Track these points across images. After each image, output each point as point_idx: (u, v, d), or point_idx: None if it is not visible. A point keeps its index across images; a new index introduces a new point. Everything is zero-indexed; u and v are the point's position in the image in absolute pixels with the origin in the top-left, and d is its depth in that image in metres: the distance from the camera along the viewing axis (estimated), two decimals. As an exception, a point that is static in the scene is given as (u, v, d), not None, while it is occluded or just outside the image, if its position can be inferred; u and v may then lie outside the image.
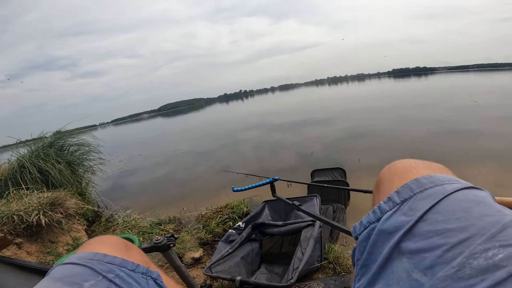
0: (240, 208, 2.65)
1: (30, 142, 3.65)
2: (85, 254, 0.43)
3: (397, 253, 0.28)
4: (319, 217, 0.97)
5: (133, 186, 5.53)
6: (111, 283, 0.39)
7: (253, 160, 6.11)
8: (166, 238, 1.00)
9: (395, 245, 0.29)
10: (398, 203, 0.32)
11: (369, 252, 0.32)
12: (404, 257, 0.27)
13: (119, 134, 25.22)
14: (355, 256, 0.34)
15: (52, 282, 0.37)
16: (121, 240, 0.51)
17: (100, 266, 0.41)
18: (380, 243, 0.31)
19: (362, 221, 0.35)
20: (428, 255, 0.26)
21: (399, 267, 0.27)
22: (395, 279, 0.27)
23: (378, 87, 30.63)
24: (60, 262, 0.42)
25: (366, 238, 0.33)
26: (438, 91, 15.53)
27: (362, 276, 0.32)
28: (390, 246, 0.29)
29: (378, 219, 0.33)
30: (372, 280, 0.30)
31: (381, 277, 0.29)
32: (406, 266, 0.27)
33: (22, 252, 1.75)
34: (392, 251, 0.29)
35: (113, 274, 0.41)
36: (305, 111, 13.74)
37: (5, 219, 1.72)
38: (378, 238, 0.31)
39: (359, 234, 0.34)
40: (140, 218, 2.67)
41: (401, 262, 0.27)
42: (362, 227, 0.34)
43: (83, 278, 0.38)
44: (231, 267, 1.35)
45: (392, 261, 0.28)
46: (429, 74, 72.58)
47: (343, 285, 1.17)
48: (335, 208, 2.47)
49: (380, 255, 0.30)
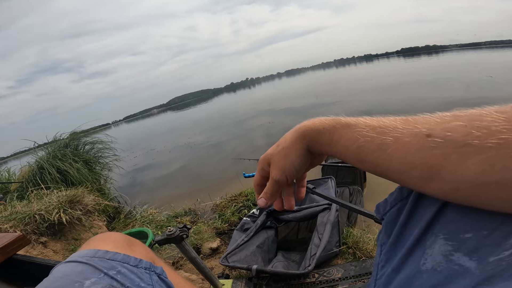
0: (254, 195, 2.64)
1: (47, 145, 3.78)
2: (86, 252, 0.43)
3: (431, 234, 0.24)
4: (336, 199, 0.91)
5: (148, 181, 5.67)
6: (112, 280, 0.39)
7: (264, 146, 6.07)
8: (179, 229, 0.98)
9: (429, 224, 0.24)
10: None
11: (397, 235, 0.27)
12: (439, 238, 0.23)
13: (132, 131, 25.82)
14: (380, 240, 0.30)
15: (54, 281, 0.37)
16: (123, 236, 0.50)
17: (102, 263, 0.41)
18: (412, 223, 0.26)
19: (387, 199, 0.30)
20: (471, 235, 0.21)
21: (434, 249, 0.23)
22: (429, 263, 0.23)
23: (387, 67, 29.49)
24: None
25: (395, 219, 0.28)
26: (451, 68, 14.77)
27: (387, 262, 0.28)
28: (422, 226, 0.24)
29: (407, 195, 0.27)
30: (397, 267, 0.26)
31: (409, 262, 0.25)
32: (443, 249, 0.22)
33: (48, 251, 1.82)
34: (424, 231, 0.24)
35: (114, 270, 0.40)
36: (314, 95, 13.45)
37: (27, 219, 1.78)
38: (409, 218, 0.26)
39: (385, 214, 0.30)
40: (156, 212, 2.73)
41: (436, 244, 0.23)
42: (388, 206, 0.30)
43: (84, 276, 0.38)
44: (247, 256, 1.33)
45: (424, 243, 0.24)
46: (440, 52, 69.12)
47: (364, 270, 1.13)
48: (351, 190, 2.41)
49: (411, 236, 0.25)
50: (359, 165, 0.29)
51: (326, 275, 1.15)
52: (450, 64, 18.87)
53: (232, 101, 32.28)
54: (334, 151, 0.31)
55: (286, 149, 0.35)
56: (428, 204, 0.25)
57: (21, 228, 1.76)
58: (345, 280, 1.11)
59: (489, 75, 8.62)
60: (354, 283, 1.08)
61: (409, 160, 0.23)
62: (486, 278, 0.19)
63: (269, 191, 0.38)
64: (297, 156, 0.34)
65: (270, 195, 0.39)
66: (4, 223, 1.74)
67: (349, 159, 0.29)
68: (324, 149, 0.32)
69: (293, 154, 0.34)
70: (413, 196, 0.27)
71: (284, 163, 0.35)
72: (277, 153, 0.36)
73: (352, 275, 1.12)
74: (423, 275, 0.23)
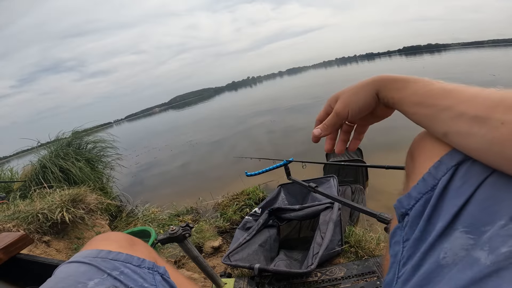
0: (256, 194, 2.64)
1: (49, 144, 3.79)
2: (89, 252, 0.42)
3: (452, 228, 0.24)
4: (338, 198, 0.91)
5: (150, 179, 5.68)
6: (116, 280, 0.39)
7: (266, 144, 6.07)
8: (181, 228, 0.98)
9: (452, 218, 0.24)
10: (454, 165, 0.26)
11: (422, 230, 0.27)
12: (459, 231, 0.23)
13: (134, 129, 25.89)
14: (403, 236, 0.29)
15: (57, 282, 0.37)
16: (125, 236, 0.50)
17: (104, 264, 0.40)
18: (436, 217, 0.25)
19: (410, 193, 0.29)
20: (489, 227, 0.21)
21: (454, 243, 0.23)
22: (450, 258, 0.23)
23: (389, 65, 29.38)
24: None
25: (420, 213, 0.27)
26: (454, 67, 14.70)
27: (408, 259, 0.27)
28: (446, 220, 0.24)
29: (432, 187, 0.27)
30: (418, 263, 0.26)
31: (429, 257, 0.25)
32: (463, 242, 0.22)
33: (51, 250, 1.82)
34: (447, 226, 0.24)
35: (117, 271, 0.40)
36: (315, 94, 13.42)
37: (30, 218, 1.79)
38: (434, 212, 0.26)
39: (410, 208, 0.29)
40: (158, 211, 2.73)
41: (456, 238, 0.23)
42: (412, 200, 0.29)
43: (87, 276, 0.38)
44: (249, 255, 1.33)
45: (445, 238, 0.24)
46: (442, 51, 68.83)
47: (366, 269, 1.12)
48: (353, 189, 2.40)
49: (433, 231, 0.25)
50: (417, 108, 0.30)
51: (329, 274, 1.15)
52: (453, 62, 18.78)
53: (234, 99, 32.28)
54: (401, 95, 0.32)
55: (357, 88, 0.37)
56: (452, 197, 0.25)
57: (24, 227, 1.76)
58: (347, 279, 1.10)
59: (491, 74, 8.59)
60: (357, 282, 1.08)
61: (472, 103, 0.24)
62: (495, 270, 0.19)
63: (327, 122, 0.40)
64: (364, 96, 0.36)
65: (327, 126, 0.40)
66: (7, 222, 1.74)
67: (411, 103, 0.31)
68: (392, 94, 0.33)
69: (361, 93, 0.36)
70: (438, 189, 0.26)
71: (350, 99, 0.37)
72: (347, 91, 0.38)
73: (354, 274, 1.12)
74: (444, 269, 0.23)
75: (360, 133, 0.43)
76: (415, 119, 0.31)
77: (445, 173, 0.27)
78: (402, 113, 0.34)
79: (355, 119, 0.39)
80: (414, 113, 0.31)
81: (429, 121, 0.29)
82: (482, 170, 0.24)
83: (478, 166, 0.24)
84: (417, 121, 0.31)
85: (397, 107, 0.34)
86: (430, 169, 0.28)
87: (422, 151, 0.32)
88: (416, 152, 0.34)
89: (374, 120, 0.41)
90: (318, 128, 0.41)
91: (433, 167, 0.28)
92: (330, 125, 0.40)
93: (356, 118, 0.38)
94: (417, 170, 0.31)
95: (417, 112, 0.30)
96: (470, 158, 0.25)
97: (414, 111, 0.30)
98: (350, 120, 0.39)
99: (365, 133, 0.44)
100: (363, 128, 0.43)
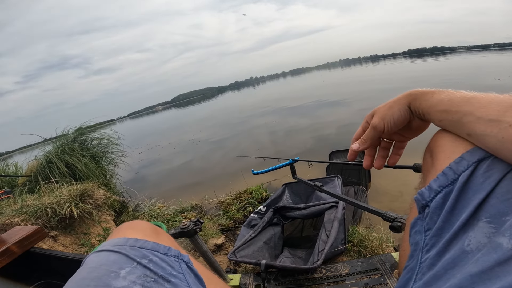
0: (259, 193, 2.66)
1: (55, 139, 3.83)
2: (117, 240, 0.42)
3: (475, 218, 0.26)
4: (344, 197, 0.93)
5: (154, 176, 5.72)
6: (145, 268, 0.39)
7: (269, 144, 6.10)
8: (192, 223, 1.01)
9: (475, 210, 0.26)
10: (475, 162, 0.29)
11: (444, 220, 0.29)
12: (481, 221, 0.25)
13: (137, 127, 25.95)
14: (425, 226, 0.31)
15: (90, 271, 0.36)
16: (150, 225, 0.51)
17: (133, 252, 0.40)
18: (459, 209, 0.28)
19: (430, 185, 0.32)
20: (509, 217, 0.24)
21: (477, 232, 0.25)
22: (474, 245, 0.25)
23: (393, 68, 29.29)
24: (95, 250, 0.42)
25: (441, 205, 0.30)
26: (459, 71, 14.65)
27: (432, 246, 0.30)
28: (469, 211, 0.27)
29: (452, 181, 0.30)
30: (443, 250, 0.28)
31: (454, 245, 0.27)
32: (486, 231, 0.25)
33: (58, 245, 1.82)
34: (470, 216, 0.27)
35: (146, 259, 0.40)
36: (319, 95, 13.42)
37: (39, 213, 1.79)
38: (456, 204, 0.29)
39: (430, 200, 0.31)
40: (164, 206, 2.76)
41: (479, 227, 0.25)
42: (432, 193, 0.31)
43: (118, 266, 0.37)
44: (254, 252, 1.36)
45: (468, 227, 0.26)
46: (448, 54, 68.59)
47: (370, 266, 1.15)
48: (356, 190, 2.42)
49: (457, 221, 0.27)
50: (443, 115, 0.33)
51: (333, 271, 1.17)
52: (458, 66, 18.70)
53: (237, 99, 32.29)
54: (429, 105, 0.35)
55: (392, 103, 0.40)
56: (475, 191, 0.27)
57: (32, 222, 1.78)
58: (352, 275, 1.13)
59: (497, 78, 8.57)
60: (361, 279, 1.10)
61: (487, 108, 0.28)
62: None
63: (365, 136, 0.43)
64: (398, 109, 0.39)
65: (365, 140, 0.43)
66: (15, 217, 1.75)
67: (438, 111, 0.34)
68: (423, 105, 0.36)
69: (395, 107, 0.39)
70: (460, 182, 0.29)
71: (386, 113, 0.40)
72: (382, 106, 0.41)
73: (359, 271, 1.14)
74: (468, 255, 0.25)
75: (399, 148, 0.46)
76: (442, 125, 0.35)
77: (466, 168, 0.29)
78: (431, 121, 0.37)
79: (391, 131, 0.41)
80: (442, 119, 0.34)
81: (454, 126, 0.32)
82: (503, 167, 0.26)
83: (499, 163, 0.27)
84: (444, 126, 0.35)
85: (426, 117, 0.37)
86: (451, 164, 0.31)
87: (443, 148, 0.34)
88: (437, 149, 0.36)
89: (411, 134, 0.43)
90: (356, 143, 0.43)
91: (454, 162, 0.31)
92: (368, 138, 0.42)
93: (392, 130, 0.41)
94: (437, 165, 0.34)
95: (444, 119, 0.33)
96: (491, 156, 0.28)
97: (441, 118, 0.34)
98: (386, 133, 0.41)
99: (404, 149, 0.46)
100: (402, 144, 0.45)
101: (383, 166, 0.46)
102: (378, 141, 0.45)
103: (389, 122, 0.39)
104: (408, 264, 0.33)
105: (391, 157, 0.46)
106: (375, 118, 0.41)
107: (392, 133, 0.44)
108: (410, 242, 0.33)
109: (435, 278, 0.27)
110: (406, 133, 0.43)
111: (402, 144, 0.45)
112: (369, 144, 0.43)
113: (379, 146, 0.46)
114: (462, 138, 0.32)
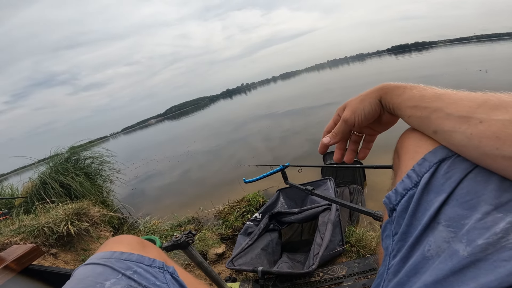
0: (256, 200, 2.67)
1: (48, 159, 3.81)
2: (104, 254, 0.44)
3: (435, 222, 0.25)
4: (334, 199, 0.96)
5: (150, 191, 5.68)
6: (130, 279, 0.40)
7: (264, 151, 6.12)
8: (184, 235, 1.02)
9: (435, 213, 0.25)
10: (436, 162, 0.28)
11: (408, 224, 0.28)
12: (441, 225, 0.24)
13: (131, 142, 25.76)
14: (393, 230, 0.31)
15: (77, 283, 0.38)
16: (136, 238, 0.52)
17: (118, 264, 0.42)
18: (421, 212, 0.27)
19: (396, 189, 0.31)
20: (468, 220, 0.22)
21: (437, 236, 0.24)
22: (433, 250, 0.24)
23: (379, 65, 29.83)
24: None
25: (405, 208, 0.29)
26: (441, 64, 15.04)
27: (398, 251, 0.29)
28: (429, 215, 0.26)
29: (415, 183, 0.29)
30: (406, 255, 0.27)
31: (415, 251, 0.26)
32: (445, 235, 0.24)
33: (59, 262, 1.84)
34: (431, 220, 0.26)
35: (131, 270, 0.42)
36: (310, 97, 13.58)
37: (36, 232, 1.81)
38: (418, 207, 0.28)
39: (397, 204, 0.30)
40: (160, 222, 2.74)
41: (439, 231, 0.24)
42: (398, 196, 0.30)
43: (104, 277, 0.39)
44: (252, 259, 1.36)
45: (429, 232, 0.25)
46: (430, 48, 70.21)
47: (367, 267, 1.16)
48: (351, 189, 2.45)
49: (419, 226, 0.26)
50: (412, 111, 0.33)
51: (331, 273, 1.19)
52: (440, 59, 19.11)
53: (229, 107, 32.39)
54: (400, 100, 0.35)
55: (363, 96, 0.40)
56: (435, 193, 0.27)
57: (31, 241, 1.79)
58: (349, 277, 1.14)
59: (478, 69, 8.82)
60: (358, 280, 1.12)
61: (458, 105, 0.27)
62: (472, 261, 0.20)
63: (336, 130, 0.42)
64: (369, 103, 0.39)
65: (336, 134, 0.42)
66: (13, 236, 1.77)
67: (407, 107, 0.34)
68: (394, 100, 0.36)
69: (366, 100, 0.39)
70: (421, 185, 0.28)
71: (357, 106, 0.39)
72: (354, 99, 0.41)
73: (356, 272, 1.16)
74: (429, 261, 0.24)
75: (369, 142, 0.46)
76: (411, 121, 0.34)
77: (427, 170, 0.28)
78: (400, 117, 0.37)
79: (362, 125, 0.41)
80: (410, 115, 0.33)
81: (421, 122, 0.31)
82: (465, 166, 0.26)
83: (460, 162, 0.26)
84: (412, 123, 0.34)
85: (396, 112, 0.36)
86: (414, 166, 0.30)
87: (407, 149, 0.34)
88: (402, 150, 0.35)
89: (381, 128, 0.43)
90: (327, 137, 0.43)
91: (417, 164, 0.30)
92: (339, 132, 0.42)
93: (363, 124, 0.40)
94: (402, 167, 0.33)
95: (412, 115, 0.33)
96: (452, 155, 0.27)
97: (410, 113, 0.33)
98: (357, 126, 0.41)
99: (373, 142, 0.46)
100: (371, 137, 0.45)
101: (353, 160, 0.46)
102: (348, 135, 0.44)
103: (360, 116, 0.39)
104: (380, 269, 0.33)
105: (361, 151, 0.46)
106: (346, 111, 0.40)
107: (362, 127, 0.43)
108: (382, 246, 0.33)
109: (399, 285, 0.27)
110: (376, 127, 0.43)
111: (372, 138, 0.46)
112: (340, 138, 0.42)
113: (349, 139, 0.45)
114: (426, 138, 0.31)
